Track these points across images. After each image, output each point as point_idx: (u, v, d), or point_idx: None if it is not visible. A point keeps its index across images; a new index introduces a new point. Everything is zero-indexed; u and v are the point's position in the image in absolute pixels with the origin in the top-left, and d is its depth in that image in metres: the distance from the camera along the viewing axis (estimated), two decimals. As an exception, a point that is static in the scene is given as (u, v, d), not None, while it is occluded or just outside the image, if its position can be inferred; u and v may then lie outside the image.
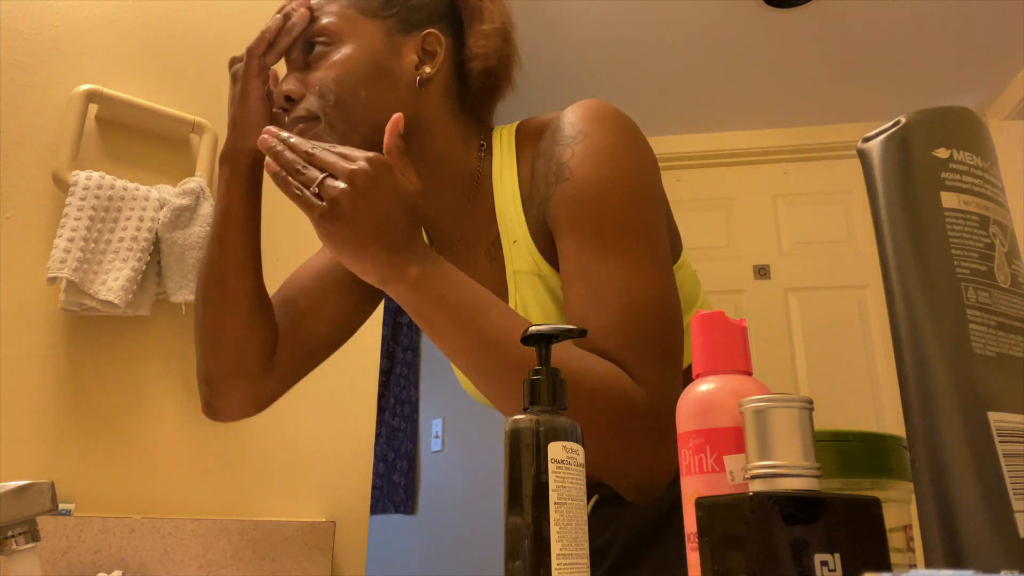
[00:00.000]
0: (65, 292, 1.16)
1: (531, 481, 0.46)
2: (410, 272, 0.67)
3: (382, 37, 0.80)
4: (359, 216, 0.65)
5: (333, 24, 0.80)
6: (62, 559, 1.10)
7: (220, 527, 1.22)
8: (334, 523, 1.33)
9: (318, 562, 1.29)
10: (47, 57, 1.30)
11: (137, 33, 1.39)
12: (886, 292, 0.41)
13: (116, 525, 1.15)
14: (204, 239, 1.27)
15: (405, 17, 0.82)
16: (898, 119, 0.42)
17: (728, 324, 0.47)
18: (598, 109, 0.77)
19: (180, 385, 1.30)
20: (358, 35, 0.80)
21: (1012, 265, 0.41)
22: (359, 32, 0.80)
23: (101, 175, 1.23)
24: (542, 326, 0.51)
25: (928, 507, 0.37)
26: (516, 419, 0.48)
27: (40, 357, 1.20)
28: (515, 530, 0.46)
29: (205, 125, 1.37)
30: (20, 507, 0.65)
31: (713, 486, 0.43)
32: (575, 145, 0.75)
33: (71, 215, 1.18)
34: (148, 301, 1.25)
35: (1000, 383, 0.39)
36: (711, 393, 0.45)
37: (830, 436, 0.49)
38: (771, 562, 0.35)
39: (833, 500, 0.37)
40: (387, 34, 0.80)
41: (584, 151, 0.74)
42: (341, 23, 0.80)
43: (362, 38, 0.80)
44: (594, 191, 0.72)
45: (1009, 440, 0.37)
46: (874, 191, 0.42)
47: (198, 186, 1.30)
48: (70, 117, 1.24)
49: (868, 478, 0.50)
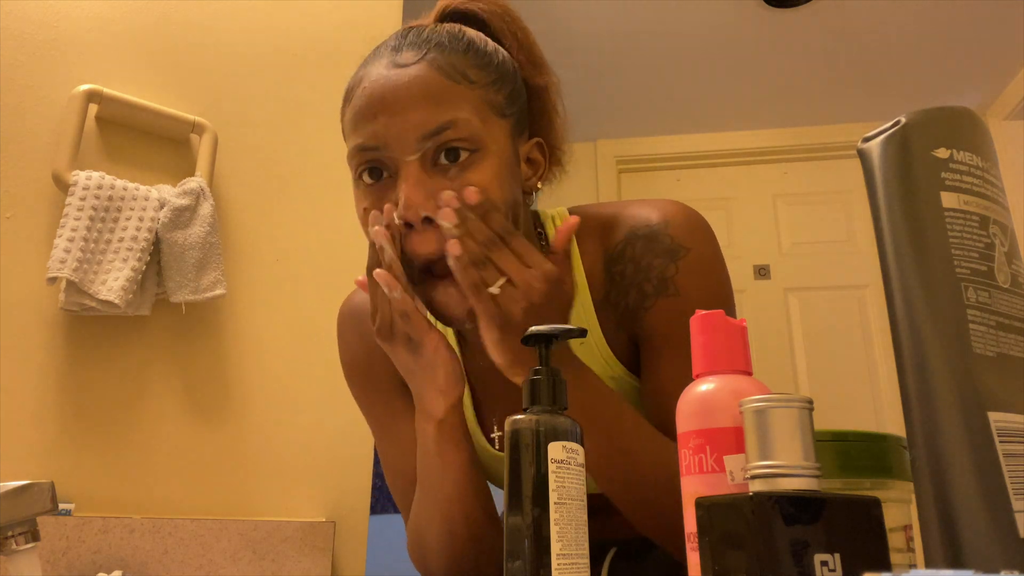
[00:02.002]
0: (65, 292, 1.16)
1: (531, 481, 0.46)
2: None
3: (509, 142, 0.72)
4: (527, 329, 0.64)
5: (475, 124, 0.69)
6: (62, 559, 1.10)
7: (220, 527, 1.22)
8: (334, 523, 1.33)
9: (318, 562, 1.29)
10: (47, 57, 1.30)
11: (137, 33, 1.39)
12: (886, 292, 0.41)
13: (116, 525, 1.15)
14: (204, 239, 1.27)
15: (520, 118, 0.75)
16: (898, 119, 0.42)
17: (728, 324, 0.47)
18: (690, 218, 0.78)
19: (180, 385, 1.30)
20: (495, 137, 0.70)
21: (1012, 265, 0.41)
22: (495, 133, 0.71)
23: (101, 175, 1.23)
24: (542, 327, 0.51)
25: (928, 507, 0.37)
26: (516, 419, 0.48)
27: (40, 357, 1.20)
28: (515, 530, 0.46)
29: (205, 125, 1.37)
30: (20, 507, 0.65)
31: (713, 486, 0.43)
32: (678, 260, 0.75)
33: (71, 215, 1.18)
34: (148, 301, 1.25)
35: (1000, 383, 0.39)
36: (711, 393, 0.45)
37: (830, 436, 0.49)
38: (771, 562, 0.35)
39: (833, 500, 0.37)
40: (511, 137, 0.73)
41: (688, 268, 0.75)
42: (479, 124, 0.69)
43: (498, 139, 0.71)
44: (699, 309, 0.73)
45: (1009, 440, 0.37)
46: (874, 191, 0.42)
47: (198, 186, 1.30)
48: (70, 117, 1.24)
49: (868, 478, 0.50)
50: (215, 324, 1.35)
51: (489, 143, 0.69)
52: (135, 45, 1.38)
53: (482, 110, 0.70)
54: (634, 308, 0.77)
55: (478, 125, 0.69)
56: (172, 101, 1.38)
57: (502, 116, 0.72)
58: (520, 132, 0.75)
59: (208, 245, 1.28)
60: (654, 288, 0.76)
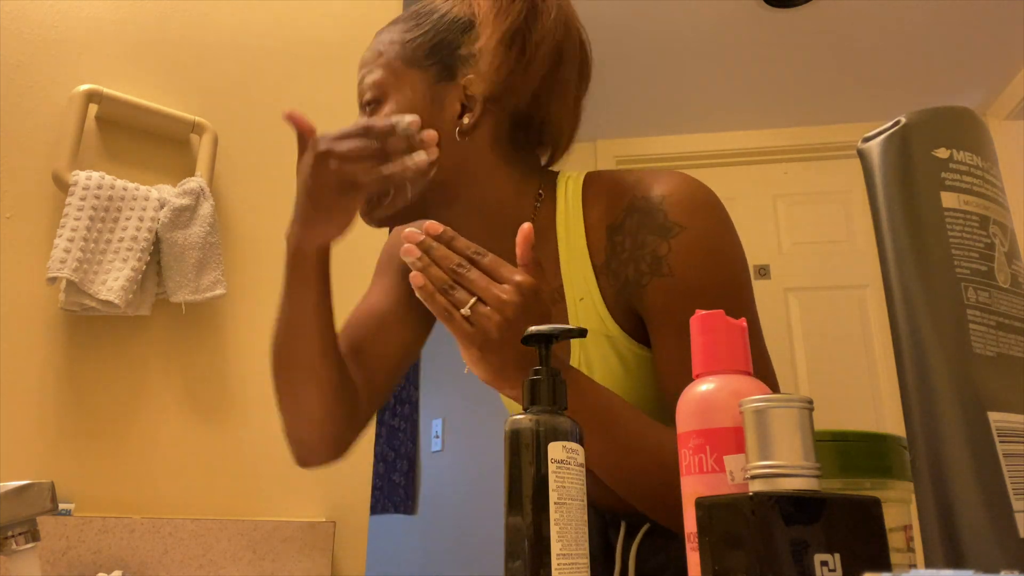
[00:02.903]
0: (65, 292, 1.16)
1: (531, 481, 0.46)
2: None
3: (424, 88, 0.79)
4: (506, 346, 0.65)
5: (380, 79, 0.80)
6: (62, 559, 1.10)
7: (220, 527, 1.22)
8: (334, 523, 1.33)
9: (318, 562, 1.29)
10: (47, 57, 1.30)
11: (137, 33, 1.39)
12: (886, 292, 0.41)
13: (116, 525, 1.15)
14: (204, 239, 1.27)
15: (445, 65, 0.80)
16: (898, 119, 0.42)
17: (728, 324, 0.47)
18: (691, 194, 0.76)
19: (180, 385, 1.30)
20: (402, 87, 0.79)
21: (1012, 265, 0.41)
22: (403, 84, 0.80)
23: (101, 175, 1.23)
24: (542, 326, 0.51)
25: (928, 507, 0.37)
26: (516, 419, 0.48)
27: (40, 357, 1.20)
28: (515, 530, 0.46)
29: (205, 125, 1.37)
30: (20, 507, 0.65)
31: (713, 486, 0.43)
32: (671, 238, 0.74)
33: (71, 215, 1.18)
34: (148, 301, 1.25)
35: (1000, 383, 0.39)
36: (711, 393, 0.45)
37: (830, 436, 0.49)
38: (771, 562, 0.35)
39: (833, 500, 0.37)
40: (429, 84, 0.79)
41: (681, 247, 0.74)
42: (387, 77, 0.80)
43: (406, 90, 0.79)
44: (695, 291, 0.73)
45: (1009, 440, 0.37)
46: (874, 191, 0.42)
47: (198, 186, 1.30)
48: (70, 117, 1.24)
49: (868, 478, 0.50)
50: (215, 324, 1.35)
51: (392, 92, 0.79)
52: (135, 45, 1.38)
53: (394, 65, 0.80)
54: (633, 283, 0.77)
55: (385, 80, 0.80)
56: (172, 101, 1.38)
57: (418, 67, 0.80)
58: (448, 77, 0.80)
59: (208, 245, 1.28)
60: (648, 267, 0.76)
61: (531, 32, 0.79)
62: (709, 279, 0.74)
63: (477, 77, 0.79)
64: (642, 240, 0.76)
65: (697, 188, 0.77)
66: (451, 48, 0.80)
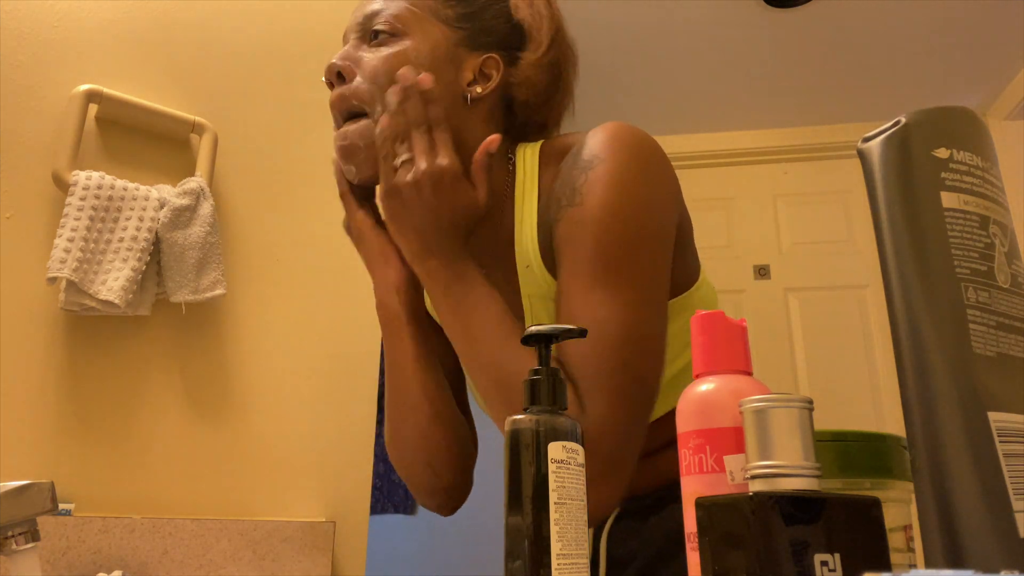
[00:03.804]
0: (65, 292, 1.16)
1: (531, 481, 0.46)
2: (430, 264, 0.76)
3: (448, 45, 0.81)
4: (410, 209, 0.74)
5: (401, 16, 0.81)
6: (62, 559, 1.10)
7: (220, 527, 1.22)
8: (334, 523, 1.33)
9: (318, 562, 1.29)
10: (47, 57, 1.30)
11: (137, 33, 1.39)
12: (886, 292, 0.41)
13: (116, 525, 1.15)
14: (204, 239, 1.27)
15: (474, 35, 0.83)
16: (898, 119, 0.42)
17: (728, 324, 0.47)
18: (618, 133, 0.76)
19: (180, 385, 1.30)
20: (425, 33, 0.81)
21: (1012, 265, 0.41)
22: (427, 31, 0.81)
23: (101, 175, 1.23)
24: (542, 326, 0.51)
25: (928, 507, 0.37)
26: (516, 419, 0.48)
27: (40, 357, 1.20)
28: (515, 530, 0.46)
29: (205, 125, 1.37)
30: (20, 507, 0.65)
31: (713, 486, 0.43)
32: (589, 170, 0.74)
33: (71, 215, 1.18)
34: (148, 301, 1.25)
35: (1000, 383, 0.39)
36: (711, 393, 0.45)
37: (830, 436, 0.49)
38: (771, 562, 0.35)
39: (833, 500, 0.37)
40: (454, 44, 0.82)
41: (596, 177, 0.73)
42: (410, 17, 0.81)
43: (428, 37, 0.81)
44: (597, 219, 0.71)
45: (1009, 440, 0.37)
46: (874, 191, 0.42)
47: (198, 186, 1.30)
48: (70, 117, 1.24)
49: (868, 478, 0.50)
50: (215, 324, 1.35)
51: (409, 35, 0.80)
52: (135, 45, 1.38)
53: (419, 10, 0.82)
54: (552, 222, 0.76)
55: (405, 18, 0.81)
56: (172, 101, 1.38)
57: (446, 24, 0.82)
58: (471, 47, 0.83)
59: (208, 245, 1.28)
60: (567, 199, 0.75)
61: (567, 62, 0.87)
62: (611, 211, 0.71)
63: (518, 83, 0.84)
64: (568, 175, 0.76)
65: (628, 129, 0.77)
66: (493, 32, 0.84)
